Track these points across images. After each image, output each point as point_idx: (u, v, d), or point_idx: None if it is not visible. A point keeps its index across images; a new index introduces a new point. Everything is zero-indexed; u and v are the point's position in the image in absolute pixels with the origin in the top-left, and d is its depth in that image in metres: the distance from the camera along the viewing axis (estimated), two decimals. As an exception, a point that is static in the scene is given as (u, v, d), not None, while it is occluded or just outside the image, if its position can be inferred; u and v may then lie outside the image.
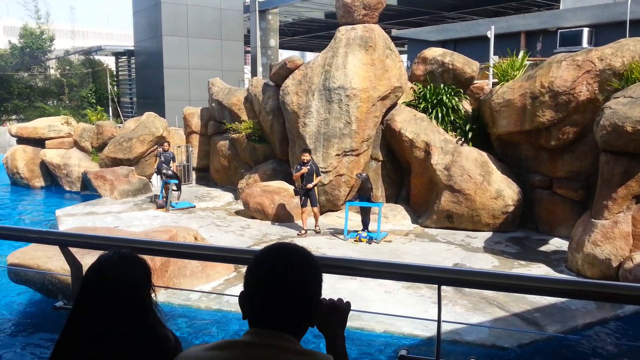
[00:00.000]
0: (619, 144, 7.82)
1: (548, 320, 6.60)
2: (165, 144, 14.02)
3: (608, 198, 7.95)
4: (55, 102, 26.59)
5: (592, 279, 7.56)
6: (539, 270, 8.49)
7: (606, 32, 16.36)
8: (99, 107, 23.05)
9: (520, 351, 5.98)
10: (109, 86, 25.96)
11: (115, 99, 26.24)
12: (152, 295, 1.69)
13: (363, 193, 10.42)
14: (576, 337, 6.52)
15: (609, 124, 7.85)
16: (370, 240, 9.98)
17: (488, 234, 10.50)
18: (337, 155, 11.55)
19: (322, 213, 11.44)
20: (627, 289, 2.11)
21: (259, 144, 14.27)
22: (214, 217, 12.33)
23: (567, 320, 6.65)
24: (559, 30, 17.67)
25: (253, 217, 12.00)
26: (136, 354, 1.57)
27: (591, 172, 9.65)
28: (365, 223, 10.40)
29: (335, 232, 10.76)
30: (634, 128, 7.54)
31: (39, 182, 17.60)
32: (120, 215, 12.48)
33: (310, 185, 10.57)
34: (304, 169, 10.54)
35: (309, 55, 47.49)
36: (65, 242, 2.61)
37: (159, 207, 13.19)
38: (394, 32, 23.88)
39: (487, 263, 8.87)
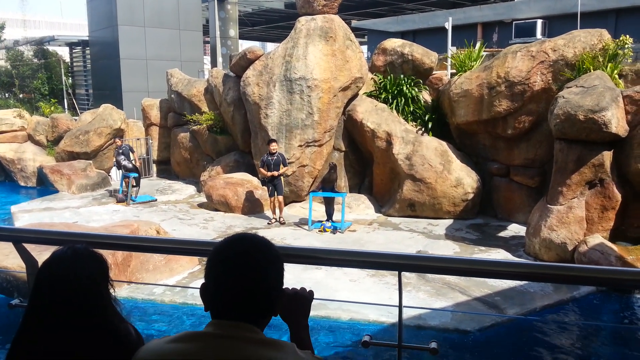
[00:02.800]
0: (572, 132, 8.08)
1: (508, 304, 6.81)
2: (117, 139, 13.71)
3: (562, 184, 8.22)
4: (6, 94, 25.57)
5: (549, 262, 7.83)
6: (499, 255, 8.73)
7: (559, 23, 16.86)
8: (52, 99, 22.30)
9: (481, 334, 6.15)
10: (64, 78, 25.13)
11: (70, 91, 25.44)
12: (111, 289, 1.66)
13: (327, 184, 10.46)
14: (535, 318, 6.74)
15: (563, 112, 8.10)
16: (334, 230, 10.05)
17: (449, 222, 10.71)
18: (300, 146, 11.54)
19: (286, 204, 11.44)
20: (582, 270, 2.20)
21: (220, 135, 14.12)
22: (176, 210, 12.16)
23: (526, 302, 6.87)
24: (514, 22, 18.09)
25: (217, 210, 11.89)
26: (96, 349, 1.54)
27: (546, 159, 9.95)
28: (330, 213, 10.45)
29: (300, 223, 10.78)
30: (586, 116, 7.81)
31: (-8, 177, 16.98)
32: (79, 210, 12.16)
33: (276, 173, 10.55)
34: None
35: (270, 46, 47.15)
36: (19, 238, 2.53)
37: (119, 201, 12.91)
38: (354, 22, 23.97)
39: (449, 249, 9.06)
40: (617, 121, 7.78)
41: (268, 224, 10.79)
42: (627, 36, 9.28)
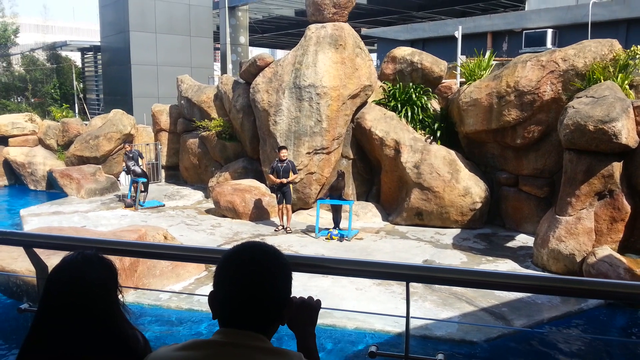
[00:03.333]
0: (581, 143, 8.04)
1: (515, 315, 6.75)
2: (127, 144, 13.84)
3: (571, 195, 8.17)
4: (19, 98, 25.83)
5: (557, 274, 7.78)
6: (506, 265, 8.68)
7: (569, 33, 16.80)
8: (64, 104, 22.49)
9: (488, 345, 6.10)
10: (75, 82, 25.37)
11: (81, 96, 25.65)
12: (119, 296, 1.67)
13: (334, 191, 10.46)
14: (542, 330, 6.68)
15: (572, 123, 8.06)
16: (341, 238, 10.03)
17: (456, 231, 10.67)
18: (308, 153, 11.56)
19: (293, 211, 11.44)
20: (590, 283, 2.18)
21: (229, 142, 14.17)
22: (184, 215, 12.20)
23: (533, 314, 6.81)
24: (524, 31, 18.05)
25: (224, 216, 11.92)
26: (104, 355, 1.55)
27: (555, 170, 9.90)
28: (337, 221, 10.44)
29: (307, 230, 10.78)
30: (596, 127, 7.77)
31: (2, 181, 17.12)
32: (87, 215, 12.23)
33: (285, 180, 10.56)
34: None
35: (280, 53, 47.33)
36: (30, 242, 2.55)
37: (128, 206, 12.98)
38: (364, 31, 24.01)
39: (456, 259, 9.01)
40: (627, 132, 7.73)
41: (275, 231, 10.80)
42: (638, 47, 9.23)
